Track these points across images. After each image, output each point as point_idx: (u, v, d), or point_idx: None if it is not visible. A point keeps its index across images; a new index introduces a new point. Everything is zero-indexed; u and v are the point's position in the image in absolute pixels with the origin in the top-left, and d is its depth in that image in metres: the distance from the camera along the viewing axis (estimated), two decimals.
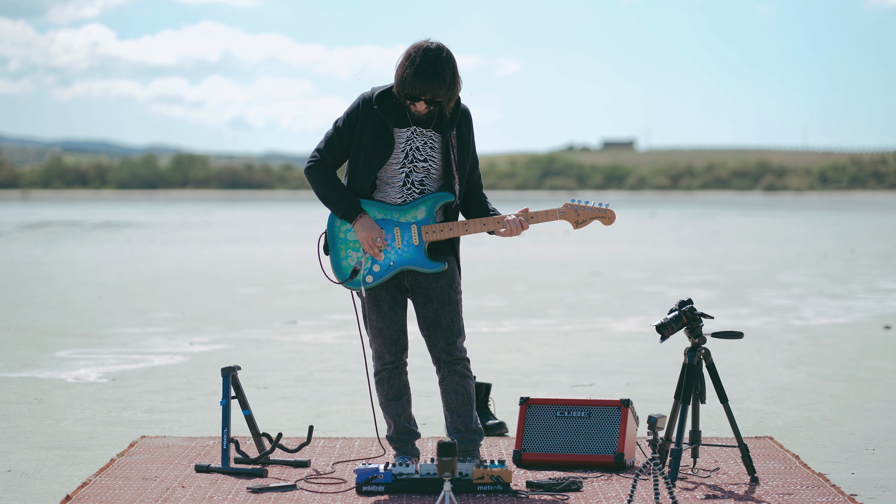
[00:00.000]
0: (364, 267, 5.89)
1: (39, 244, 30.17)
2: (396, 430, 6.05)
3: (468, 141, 5.93)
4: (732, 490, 5.69)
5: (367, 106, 5.83)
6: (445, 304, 5.91)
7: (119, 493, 5.57)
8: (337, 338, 11.64)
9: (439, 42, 5.76)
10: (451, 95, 5.75)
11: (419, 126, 5.84)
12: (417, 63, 5.68)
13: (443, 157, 5.85)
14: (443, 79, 5.68)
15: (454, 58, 5.76)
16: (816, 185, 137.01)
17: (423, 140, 5.86)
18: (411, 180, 5.86)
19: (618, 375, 9.25)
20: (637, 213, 60.52)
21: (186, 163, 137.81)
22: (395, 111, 5.83)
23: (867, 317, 13.63)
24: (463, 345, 5.98)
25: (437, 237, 5.84)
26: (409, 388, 6.07)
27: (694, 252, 27.13)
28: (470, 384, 6.01)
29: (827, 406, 7.94)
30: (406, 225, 5.86)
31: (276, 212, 64.53)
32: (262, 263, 23.13)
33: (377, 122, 5.81)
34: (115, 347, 10.80)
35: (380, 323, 5.94)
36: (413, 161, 5.85)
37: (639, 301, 15.45)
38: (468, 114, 5.95)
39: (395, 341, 5.96)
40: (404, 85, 5.71)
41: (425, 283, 5.91)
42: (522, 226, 5.85)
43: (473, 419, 6.02)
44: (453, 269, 5.95)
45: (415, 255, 5.86)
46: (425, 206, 5.85)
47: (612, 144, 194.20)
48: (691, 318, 5.88)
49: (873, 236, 35.50)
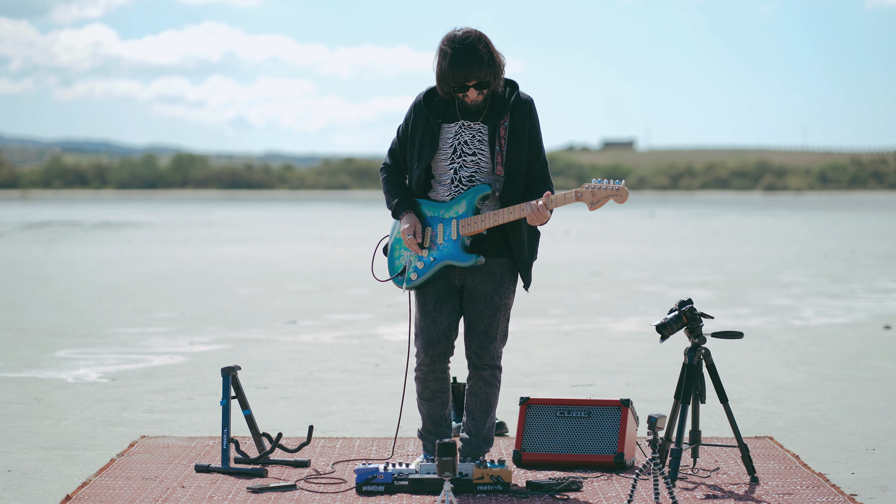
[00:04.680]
0: (411, 265, 5.91)
1: (39, 244, 30.16)
2: (424, 427, 6.07)
3: (522, 131, 5.82)
4: (732, 490, 5.69)
5: (417, 107, 5.89)
6: (486, 307, 5.87)
7: (119, 493, 5.57)
8: (337, 338, 11.64)
9: (466, 27, 5.75)
10: (494, 72, 5.72)
11: (467, 119, 5.83)
12: (451, 53, 5.68)
13: (490, 149, 5.80)
14: (479, 58, 5.66)
15: (486, 37, 5.73)
16: (816, 185, 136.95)
17: (471, 134, 5.83)
18: (459, 177, 5.83)
19: (618, 375, 9.25)
20: (637, 213, 60.50)
21: (186, 163, 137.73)
22: (442, 107, 5.85)
23: (867, 317, 13.63)
24: (498, 351, 5.93)
25: (472, 230, 5.80)
26: (443, 393, 5.99)
27: (694, 252, 27.12)
28: (493, 392, 5.98)
29: (827, 406, 7.94)
30: (448, 221, 5.86)
31: (276, 212, 64.51)
32: (262, 263, 23.12)
33: (424, 120, 5.85)
34: (115, 347, 10.80)
35: (422, 322, 5.92)
36: (462, 156, 5.82)
37: (639, 301, 15.45)
38: (527, 103, 5.85)
39: (433, 343, 5.88)
40: (445, 78, 5.71)
41: (472, 284, 5.88)
42: (542, 213, 5.74)
43: (487, 427, 6.01)
44: (503, 272, 5.87)
45: (452, 250, 5.83)
46: (466, 201, 5.83)
47: (612, 144, 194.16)
48: (691, 318, 5.88)
49: (873, 236, 35.50)
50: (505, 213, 5.81)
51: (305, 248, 28.50)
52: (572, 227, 43.01)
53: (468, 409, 6.01)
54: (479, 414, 5.99)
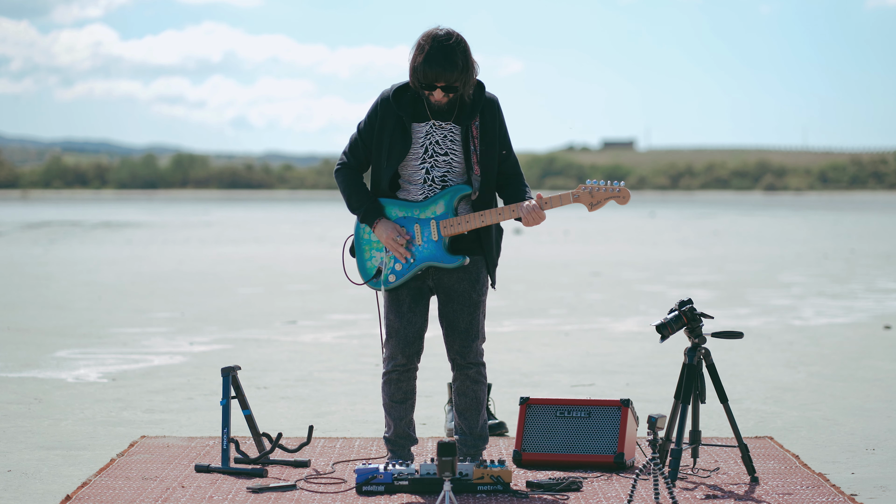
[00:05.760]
0: (387, 267, 5.86)
1: (39, 244, 30.16)
2: (396, 433, 6.02)
3: (493, 131, 5.81)
4: (732, 490, 5.69)
5: (385, 104, 5.80)
6: (465, 306, 5.86)
7: (119, 493, 5.57)
8: (337, 338, 11.64)
9: (450, 28, 5.71)
10: (465, 80, 5.68)
11: (438, 119, 5.79)
12: (428, 50, 5.64)
13: (463, 150, 5.78)
14: (454, 63, 5.63)
15: (466, 42, 5.70)
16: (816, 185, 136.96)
17: (442, 133, 5.79)
18: (432, 177, 5.80)
19: (618, 375, 9.24)
20: (637, 213, 60.49)
21: (186, 163, 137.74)
22: (412, 106, 5.79)
23: (867, 317, 13.62)
24: (480, 348, 5.93)
25: (455, 231, 5.78)
26: (415, 394, 6.02)
27: (694, 252, 27.12)
28: (481, 389, 5.98)
29: (827, 406, 7.93)
30: (426, 221, 5.81)
31: (276, 212, 64.51)
32: (262, 263, 23.12)
33: (395, 119, 5.78)
34: (115, 347, 10.80)
35: (397, 323, 5.89)
36: (433, 156, 5.79)
37: (639, 301, 15.45)
38: (494, 103, 5.84)
39: (409, 344, 5.89)
40: (417, 73, 5.67)
41: (448, 283, 5.86)
42: (538, 213, 5.75)
43: (480, 424, 6.01)
44: (478, 270, 5.87)
45: (434, 251, 5.80)
46: (444, 201, 5.79)
47: (612, 144, 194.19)
48: (691, 318, 5.88)
49: (873, 236, 35.49)
50: (493, 215, 5.78)
51: (305, 248, 28.50)
52: (572, 227, 43.01)
53: (459, 410, 6.00)
54: (471, 413, 5.99)
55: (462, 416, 6.00)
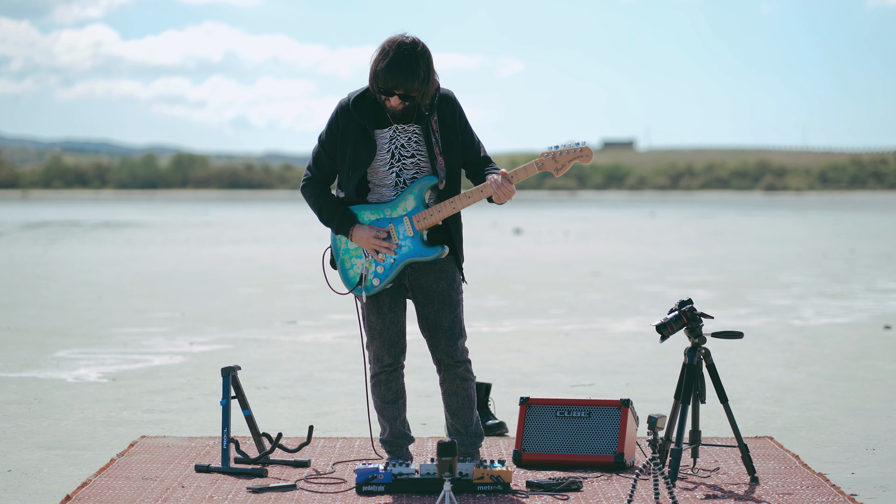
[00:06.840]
0: (369, 272, 5.86)
1: (39, 244, 30.16)
2: (392, 433, 6.01)
3: (453, 123, 5.80)
4: (732, 490, 5.69)
5: (344, 113, 5.77)
6: (446, 305, 5.87)
7: (119, 493, 5.57)
8: (337, 338, 11.64)
9: (415, 37, 5.68)
10: (424, 91, 5.65)
11: (399, 123, 5.78)
12: (391, 56, 5.60)
13: (427, 147, 5.78)
14: (416, 73, 5.59)
15: (429, 53, 5.67)
16: (816, 185, 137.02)
17: (406, 136, 5.78)
18: (402, 179, 5.80)
19: (618, 375, 9.24)
20: (637, 213, 60.49)
21: (186, 163, 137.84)
22: (373, 113, 5.76)
23: (867, 317, 13.62)
24: (464, 346, 5.93)
25: (429, 222, 5.76)
26: (405, 392, 6.02)
27: (694, 252, 27.12)
28: (471, 386, 5.99)
29: (827, 406, 7.93)
30: (398, 219, 5.80)
31: (276, 212, 64.50)
32: (262, 263, 23.13)
33: (357, 127, 5.76)
34: (115, 347, 10.80)
35: (379, 324, 5.89)
36: (401, 159, 5.79)
37: (639, 301, 15.45)
38: (450, 98, 5.82)
39: (394, 343, 5.91)
40: (377, 79, 5.63)
41: (425, 283, 5.87)
42: (506, 187, 5.72)
43: (474, 422, 6.01)
44: (453, 269, 5.90)
45: (413, 246, 5.79)
46: (413, 195, 5.78)
47: (612, 144, 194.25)
48: (691, 318, 5.88)
49: (873, 236, 35.49)
50: (463, 199, 5.76)
51: (305, 248, 28.49)
52: (572, 227, 43.02)
53: (451, 410, 5.98)
54: (464, 411, 5.98)
55: (455, 416, 5.99)
